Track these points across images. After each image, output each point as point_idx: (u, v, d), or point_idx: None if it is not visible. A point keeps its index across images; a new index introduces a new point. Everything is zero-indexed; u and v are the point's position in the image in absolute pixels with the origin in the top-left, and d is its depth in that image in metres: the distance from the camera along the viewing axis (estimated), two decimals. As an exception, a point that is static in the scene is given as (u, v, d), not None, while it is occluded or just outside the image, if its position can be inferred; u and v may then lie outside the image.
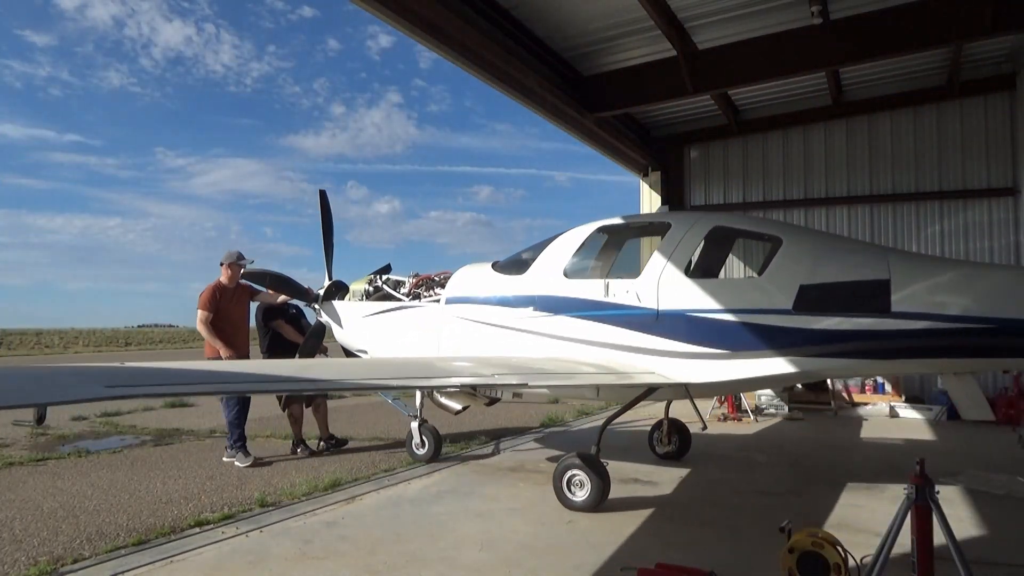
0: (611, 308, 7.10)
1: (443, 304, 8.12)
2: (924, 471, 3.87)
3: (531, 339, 7.46)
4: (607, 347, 7.06)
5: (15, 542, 5.61)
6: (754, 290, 6.67)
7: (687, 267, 7.03)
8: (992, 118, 13.22)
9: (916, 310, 6.05)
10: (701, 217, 7.45)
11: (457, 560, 5.08)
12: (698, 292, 6.82)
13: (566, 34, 10.76)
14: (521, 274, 7.74)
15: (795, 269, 6.50)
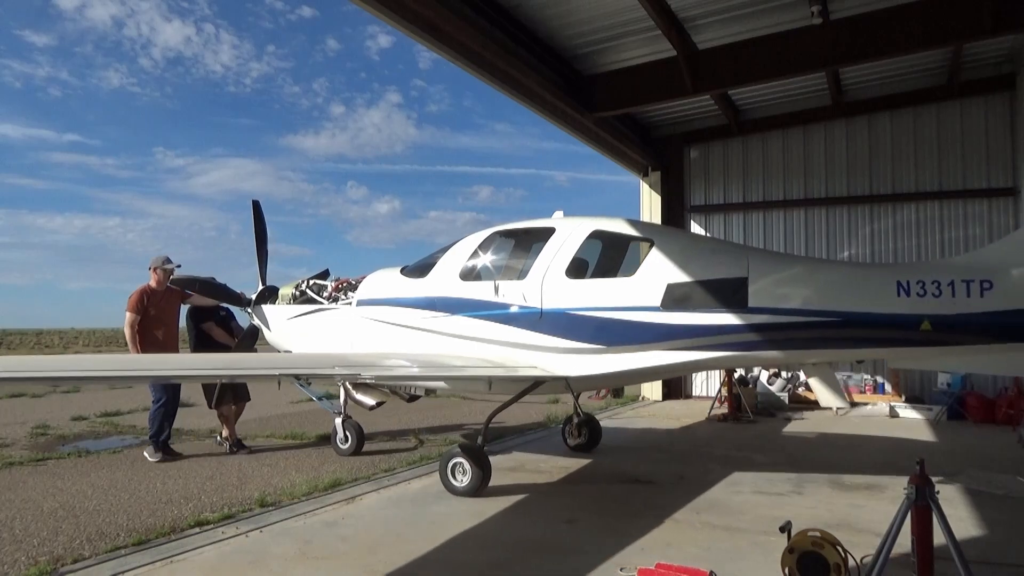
0: (500, 308, 7.65)
1: (355, 306, 8.68)
2: (924, 471, 3.87)
3: (432, 338, 7.99)
4: (498, 344, 7.60)
5: (15, 542, 5.61)
6: (626, 289, 7.15)
7: (568, 269, 7.49)
8: (992, 118, 13.22)
9: (771, 305, 6.62)
10: (582, 222, 7.88)
11: (457, 560, 5.08)
12: (577, 292, 7.37)
13: (566, 34, 10.76)
14: (423, 277, 8.29)
15: (663, 269, 7.06)
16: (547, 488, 7.28)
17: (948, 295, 6.20)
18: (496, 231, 8.27)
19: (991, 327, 6.10)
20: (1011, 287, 6.07)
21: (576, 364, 7.27)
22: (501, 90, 10.69)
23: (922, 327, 6.23)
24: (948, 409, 12.20)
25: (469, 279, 7.97)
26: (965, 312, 6.14)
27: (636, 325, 7.01)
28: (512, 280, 7.69)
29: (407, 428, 11.50)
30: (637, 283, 7.13)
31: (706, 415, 12.47)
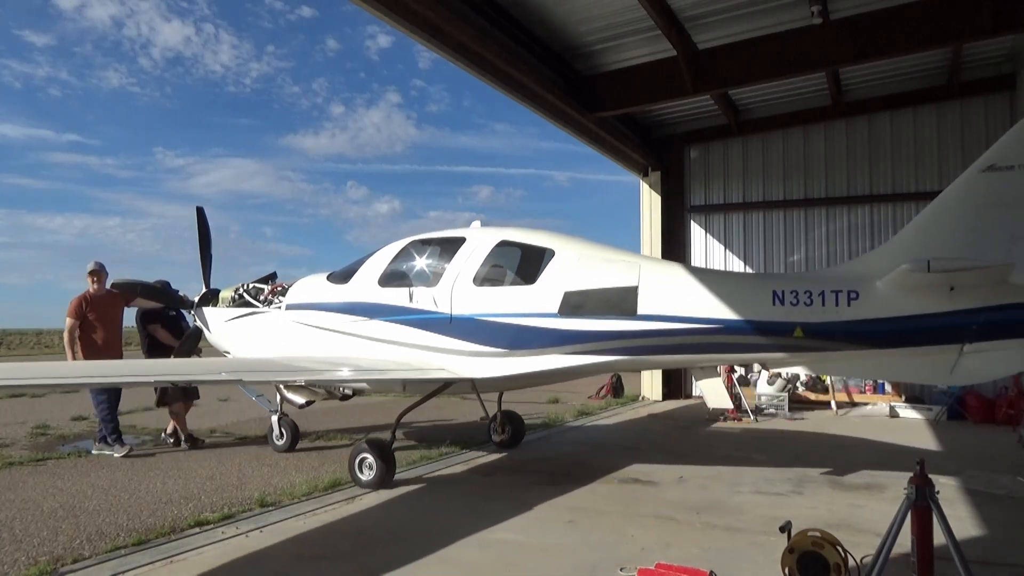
0: (414, 313, 8.11)
1: (284, 310, 9.16)
2: (924, 471, 3.87)
3: (353, 341, 8.42)
4: (411, 347, 8.04)
5: (15, 542, 5.61)
6: (528, 296, 7.59)
7: (475, 277, 7.92)
8: (992, 118, 13.22)
9: (658, 313, 7.05)
10: (490, 232, 8.32)
11: (457, 560, 5.08)
12: (484, 298, 7.81)
13: (566, 34, 10.77)
14: (346, 283, 8.73)
15: (561, 278, 7.50)
16: (547, 488, 7.28)
17: (819, 304, 6.57)
18: (412, 240, 8.68)
19: (857, 334, 6.49)
20: (875, 297, 6.44)
21: (482, 366, 7.66)
22: (501, 90, 10.69)
23: (795, 334, 6.63)
24: (948, 409, 12.20)
25: (387, 285, 8.38)
26: (834, 320, 6.52)
27: (536, 330, 7.45)
28: (425, 287, 8.11)
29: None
30: (537, 291, 7.56)
31: (706, 415, 12.46)
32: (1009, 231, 6.15)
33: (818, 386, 13.70)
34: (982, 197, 6.23)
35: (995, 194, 6.19)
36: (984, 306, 6.18)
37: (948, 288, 6.23)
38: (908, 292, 6.37)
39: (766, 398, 13.02)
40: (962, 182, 6.41)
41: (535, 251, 8.03)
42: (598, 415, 12.99)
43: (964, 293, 6.22)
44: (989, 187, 6.20)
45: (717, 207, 15.39)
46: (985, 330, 6.19)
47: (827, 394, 13.38)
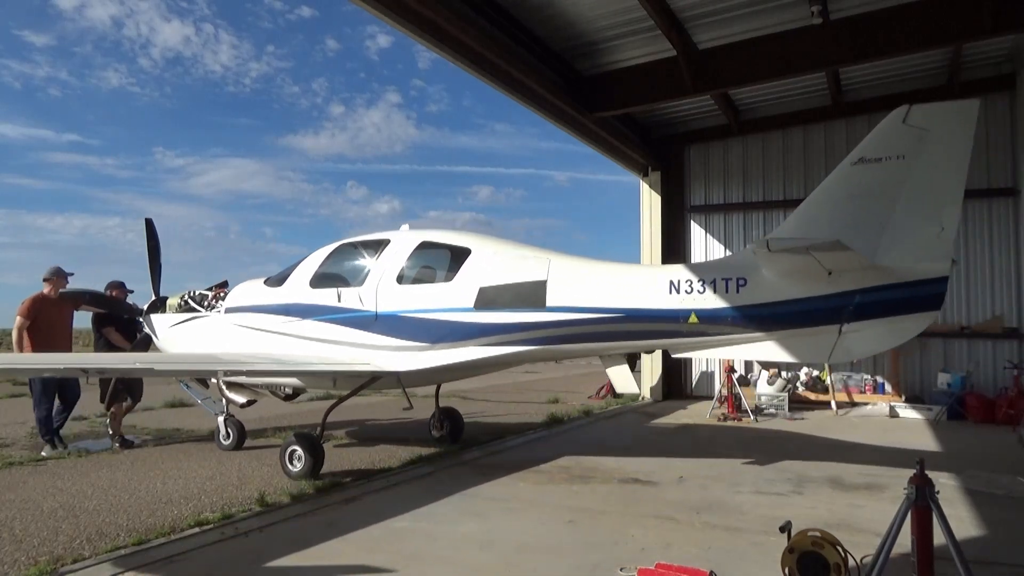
0: (342, 312, 8.59)
1: (223, 313, 9.63)
2: (924, 471, 3.87)
3: (288, 340, 8.90)
4: (340, 344, 8.51)
5: (15, 542, 5.61)
6: (447, 293, 8.09)
7: (399, 276, 8.44)
8: (992, 118, 13.21)
9: (565, 304, 7.54)
10: (413, 234, 8.82)
11: (457, 560, 5.08)
12: (406, 296, 8.32)
13: (566, 34, 10.77)
14: (281, 286, 9.23)
15: (477, 274, 7.99)
16: (547, 488, 7.28)
17: (710, 292, 7.07)
18: (341, 243, 9.19)
19: (746, 318, 6.97)
20: (761, 283, 6.90)
21: (405, 361, 8.13)
22: (501, 90, 10.69)
23: (690, 320, 7.15)
24: (948, 409, 12.20)
25: (318, 287, 8.87)
26: (724, 306, 7.01)
27: (454, 324, 7.97)
28: (353, 287, 8.60)
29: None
30: (455, 287, 8.07)
31: (706, 415, 12.46)
32: (877, 219, 6.61)
33: (818, 386, 13.70)
34: (854, 187, 6.73)
35: (864, 185, 6.68)
36: (859, 288, 6.61)
37: (826, 273, 6.61)
38: (789, 277, 6.78)
39: (766, 398, 13.01)
40: (836, 173, 6.90)
41: (453, 250, 8.50)
42: (598, 415, 12.99)
43: (841, 277, 6.62)
44: (860, 178, 6.69)
45: (717, 207, 15.38)
46: (860, 310, 6.62)
47: (827, 394, 13.38)
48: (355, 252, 9.06)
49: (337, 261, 9.10)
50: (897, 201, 6.57)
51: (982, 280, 13.26)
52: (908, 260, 6.51)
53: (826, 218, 6.79)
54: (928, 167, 6.49)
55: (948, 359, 13.31)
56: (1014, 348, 12.81)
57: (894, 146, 6.62)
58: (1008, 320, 13.00)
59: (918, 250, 6.49)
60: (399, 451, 9.38)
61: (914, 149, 6.55)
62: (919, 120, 6.55)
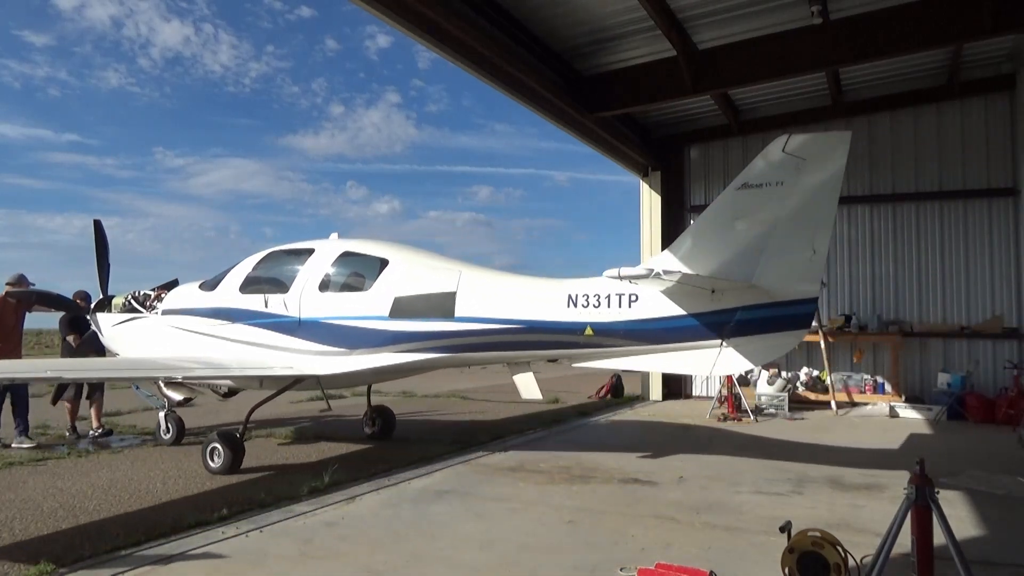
0: (268, 316, 9.04)
1: (160, 315, 10.12)
2: (924, 471, 3.87)
3: (219, 343, 9.32)
4: (266, 347, 8.95)
5: (15, 542, 5.61)
6: (364, 301, 8.52)
7: (321, 283, 8.90)
8: (992, 118, 13.22)
9: (472, 315, 7.96)
10: (335, 244, 9.31)
11: (457, 560, 5.08)
12: (328, 303, 8.75)
13: (566, 34, 10.77)
14: (214, 291, 9.69)
15: (392, 284, 8.45)
16: (547, 488, 7.28)
17: (605, 306, 7.46)
18: (270, 251, 9.71)
19: (636, 332, 7.37)
20: (651, 299, 7.27)
21: (326, 364, 8.55)
22: (501, 90, 10.69)
23: (586, 332, 7.52)
24: (948, 409, 12.20)
25: (246, 292, 9.34)
26: (617, 320, 7.40)
27: (371, 331, 8.40)
28: (278, 293, 9.06)
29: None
30: (372, 296, 8.50)
31: (706, 415, 12.46)
32: (757, 242, 6.96)
33: (818, 386, 13.70)
34: (738, 211, 7.06)
35: (747, 209, 7.01)
36: (739, 306, 6.99)
37: (710, 291, 7.04)
38: (676, 295, 7.19)
39: (766, 398, 13.01)
40: (723, 197, 7.27)
41: (372, 260, 8.92)
42: (598, 415, 12.99)
43: (723, 295, 7.04)
44: (743, 202, 7.03)
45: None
46: (740, 327, 7.02)
47: (827, 394, 13.38)
48: (282, 260, 9.56)
49: (265, 268, 9.57)
50: (775, 225, 6.91)
51: (982, 280, 13.26)
52: (783, 281, 6.86)
53: (713, 239, 7.15)
54: (803, 194, 6.82)
55: (948, 359, 13.31)
56: (1014, 348, 12.81)
57: (774, 173, 6.94)
58: (1008, 320, 13.00)
59: (792, 272, 6.85)
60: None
61: (792, 177, 6.86)
62: (797, 149, 6.85)
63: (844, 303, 14.18)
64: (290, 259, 9.44)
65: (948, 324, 13.37)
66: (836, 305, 14.21)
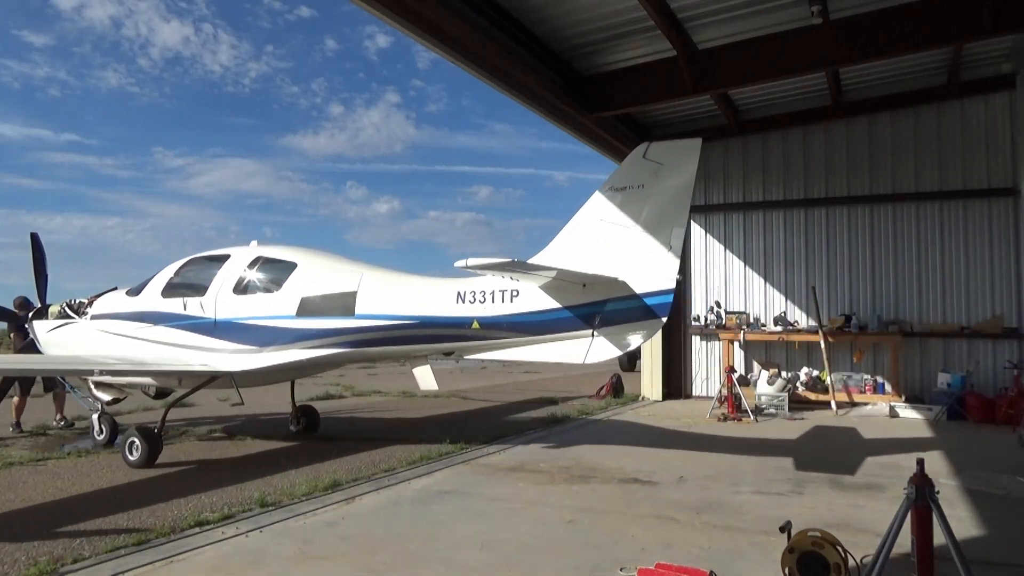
0: (187, 319, 9.71)
1: (89, 319, 10.70)
2: (924, 471, 3.87)
3: (143, 344, 9.91)
4: (185, 347, 9.57)
5: (15, 542, 5.61)
6: (274, 302, 9.24)
7: (235, 287, 9.58)
8: (992, 118, 13.23)
9: (371, 312, 8.66)
10: (250, 250, 10.01)
11: (457, 560, 5.08)
12: (241, 305, 9.43)
13: (566, 34, 10.76)
14: (138, 296, 10.35)
15: (299, 286, 9.20)
16: (547, 488, 7.28)
17: (490, 301, 8.13)
18: (190, 258, 10.38)
19: (516, 324, 8.04)
20: (530, 294, 7.91)
21: (239, 362, 9.11)
22: (501, 90, 10.69)
23: (473, 326, 8.18)
24: (948, 409, 12.20)
25: (168, 296, 10.00)
26: (500, 314, 8.07)
27: (280, 330, 9.10)
28: (196, 297, 9.73)
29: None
30: (281, 297, 9.22)
31: (706, 415, 12.46)
32: (621, 239, 7.68)
33: (818, 386, 13.70)
34: (604, 212, 7.85)
35: (612, 210, 7.80)
36: (607, 298, 7.66)
37: (582, 286, 7.67)
38: (551, 290, 7.82)
39: (766, 398, 13.02)
40: (592, 199, 7.98)
41: (282, 264, 9.63)
42: (598, 415, 12.99)
43: (592, 289, 7.69)
44: (608, 204, 7.83)
45: (717, 207, 15.39)
46: (607, 318, 7.70)
47: (827, 394, 13.38)
48: (200, 265, 10.24)
49: (185, 273, 10.24)
50: (637, 224, 7.67)
51: (982, 280, 13.27)
52: (644, 275, 7.56)
53: (583, 239, 7.92)
54: (661, 196, 7.62)
55: (948, 359, 13.32)
56: (1014, 348, 12.82)
57: (635, 177, 7.75)
58: (1008, 320, 13.00)
59: (652, 267, 7.56)
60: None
61: (651, 180, 7.67)
62: (655, 155, 7.71)
63: (844, 303, 14.19)
64: (208, 265, 10.10)
65: (948, 324, 13.38)
66: (836, 305, 14.22)
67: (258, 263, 9.76)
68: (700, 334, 15.27)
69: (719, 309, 15.10)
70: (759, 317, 14.80)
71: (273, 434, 11.01)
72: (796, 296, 14.57)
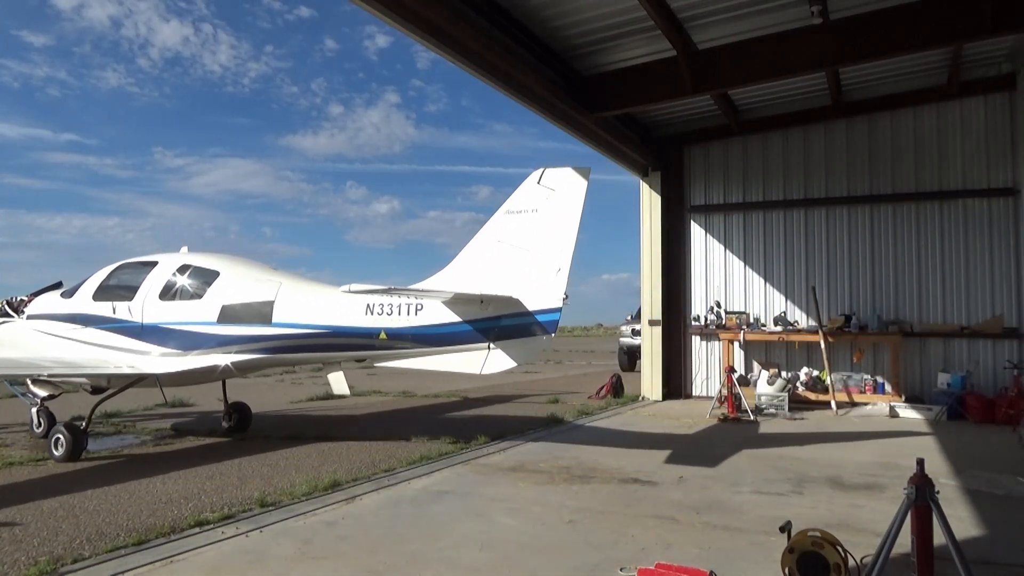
0: (116, 322, 10.21)
1: (25, 319, 11.19)
2: (924, 471, 3.87)
3: (75, 345, 10.34)
4: (114, 349, 10.04)
5: (15, 542, 5.61)
6: (197, 309, 9.79)
7: (161, 292, 10.12)
8: (992, 118, 13.23)
9: (286, 321, 9.33)
10: (177, 257, 10.61)
11: (457, 560, 5.08)
12: (167, 310, 9.99)
13: (566, 34, 10.76)
14: (71, 298, 10.81)
15: (221, 294, 9.79)
16: (547, 488, 7.28)
17: (396, 314, 8.74)
18: (121, 264, 10.86)
19: (420, 336, 8.67)
20: (433, 308, 8.57)
21: (164, 364, 9.62)
22: (501, 90, 10.67)
23: (380, 336, 8.76)
24: (948, 409, 12.20)
25: (99, 300, 10.44)
26: (405, 326, 8.68)
27: (202, 335, 9.67)
28: (125, 301, 10.19)
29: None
30: (204, 304, 9.77)
31: (706, 415, 12.46)
32: (516, 259, 8.33)
33: (818, 386, 13.70)
34: (501, 233, 8.53)
35: (508, 231, 8.46)
36: (502, 314, 8.29)
37: (479, 302, 8.31)
38: (452, 305, 8.45)
39: (766, 398, 13.01)
40: (491, 221, 8.66)
41: (206, 272, 10.17)
42: (598, 415, 12.99)
43: (491, 305, 8.30)
44: (505, 226, 8.52)
45: (717, 207, 15.39)
46: (502, 332, 8.31)
47: (827, 394, 13.38)
48: (130, 271, 10.73)
49: (115, 278, 10.68)
50: (530, 246, 8.31)
51: (982, 280, 13.27)
52: (535, 294, 8.17)
53: (482, 259, 8.58)
54: (552, 219, 8.27)
55: (948, 359, 13.31)
56: (1014, 348, 12.81)
57: (530, 202, 8.45)
58: (1008, 320, 13.00)
59: (542, 286, 8.17)
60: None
61: (544, 205, 8.35)
62: (549, 182, 8.40)
63: (844, 303, 14.18)
64: (136, 270, 10.63)
65: (948, 324, 13.38)
66: (836, 305, 14.22)
67: (183, 270, 10.33)
68: (700, 334, 15.27)
69: (719, 309, 15.10)
70: (759, 317, 14.80)
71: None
72: (796, 296, 14.57)
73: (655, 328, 15.27)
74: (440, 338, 8.57)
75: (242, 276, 10.04)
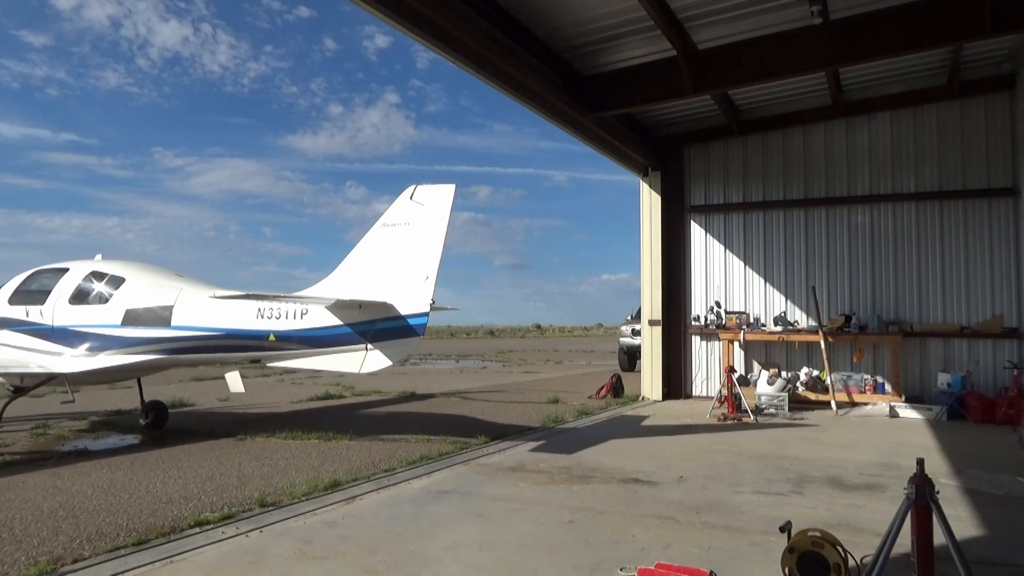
0: (29, 325, 10.89)
1: None
2: (924, 471, 3.87)
3: None
4: (27, 350, 10.68)
5: (15, 542, 5.61)
6: (104, 312, 10.49)
7: (70, 297, 10.78)
8: (992, 118, 13.23)
9: (185, 324, 10.08)
10: (87, 264, 11.21)
11: (457, 560, 5.08)
12: (75, 314, 10.67)
13: (566, 34, 10.76)
14: None
15: (126, 299, 10.54)
16: (547, 488, 7.28)
17: (284, 318, 9.53)
18: (34, 270, 11.47)
19: (305, 338, 9.44)
20: (317, 313, 9.38)
21: (72, 364, 10.19)
22: (501, 90, 10.68)
23: (270, 338, 9.56)
24: (948, 409, 12.20)
25: (13, 304, 11.11)
26: (292, 329, 9.48)
27: (108, 337, 10.37)
28: (37, 305, 10.86)
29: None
30: (110, 308, 10.48)
31: (706, 415, 12.47)
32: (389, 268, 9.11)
33: (818, 386, 13.71)
34: (378, 244, 9.35)
35: (385, 243, 9.30)
36: (377, 318, 9.05)
37: (358, 307, 9.05)
38: (333, 309, 9.22)
39: (766, 398, 13.02)
40: (370, 232, 9.43)
41: (112, 279, 10.83)
42: (598, 415, 12.99)
43: (367, 310, 9.06)
44: (382, 238, 9.35)
45: (717, 207, 15.39)
46: (377, 334, 9.07)
47: (827, 394, 13.39)
48: (42, 277, 11.29)
49: (29, 284, 11.28)
50: (402, 256, 9.10)
51: (982, 280, 13.27)
52: (406, 300, 8.95)
53: (362, 265, 9.33)
54: (421, 231, 9.06)
55: (948, 359, 13.32)
56: (1014, 348, 12.82)
57: (403, 216, 9.26)
58: (1008, 320, 13.00)
59: (412, 293, 8.93)
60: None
61: (415, 218, 9.14)
62: (419, 197, 9.23)
63: (844, 303, 14.19)
64: (48, 276, 11.20)
65: (948, 324, 13.38)
66: (836, 305, 14.22)
67: (92, 277, 10.97)
68: (700, 334, 15.28)
69: (719, 309, 15.11)
70: (759, 317, 14.81)
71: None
72: (796, 296, 14.58)
73: (655, 328, 15.28)
74: (323, 340, 9.32)
75: (147, 283, 10.76)
